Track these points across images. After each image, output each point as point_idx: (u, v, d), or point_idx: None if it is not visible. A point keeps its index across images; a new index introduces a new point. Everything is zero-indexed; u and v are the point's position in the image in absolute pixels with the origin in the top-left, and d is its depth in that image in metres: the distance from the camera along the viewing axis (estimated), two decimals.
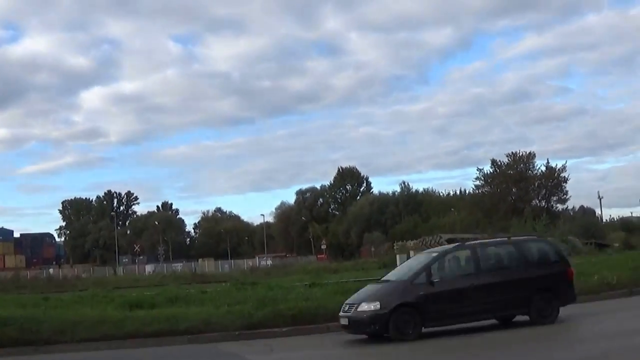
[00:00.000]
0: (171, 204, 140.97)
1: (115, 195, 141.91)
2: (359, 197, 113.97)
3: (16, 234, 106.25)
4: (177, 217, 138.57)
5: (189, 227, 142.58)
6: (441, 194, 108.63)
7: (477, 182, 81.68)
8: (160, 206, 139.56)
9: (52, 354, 14.22)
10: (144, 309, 17.26)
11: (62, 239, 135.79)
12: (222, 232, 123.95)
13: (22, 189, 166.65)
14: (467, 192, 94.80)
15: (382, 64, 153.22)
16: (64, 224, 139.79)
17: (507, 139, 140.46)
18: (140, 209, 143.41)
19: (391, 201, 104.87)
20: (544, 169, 79.33)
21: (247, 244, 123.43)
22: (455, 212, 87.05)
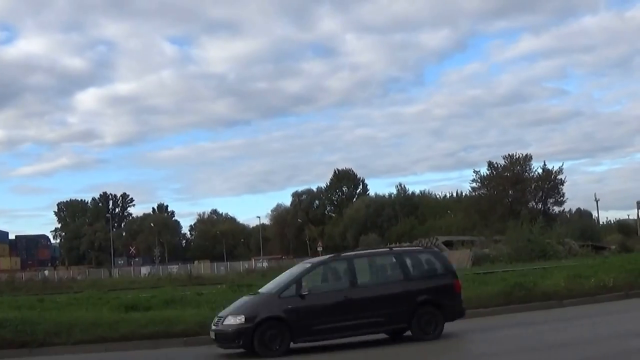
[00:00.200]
0: (167, 206, 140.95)
1: (110, 197, 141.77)
2: (355, 199, 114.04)
3: (11, 236, 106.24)
4: (173, 219, 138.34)
5: (185, 229, 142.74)
6: (438, 196, 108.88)
7: (474, 184, 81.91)
8: (155, 208, 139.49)
9: (47, 355, 14.17)
10: (140, 311, 17.23)
11: (58, 240, 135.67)
12: (218, 234, 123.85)
13: (17, 191, 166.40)
14: (463, 194, 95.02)
15: (378, 66, 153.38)
16: (59, 225, 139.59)
17: (504, 141, 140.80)
18: (135, 210, 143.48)
19: (387, 203, 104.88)
20: (540, 171, 79.60)
21: (243, 246, 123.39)
22: (451, 215, 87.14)
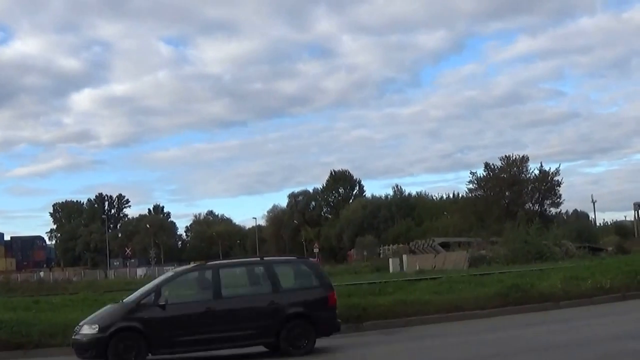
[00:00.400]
0: (162, 207, 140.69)
1: (106, 198, 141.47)
2: (351, 201, 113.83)
3: (6, 237, 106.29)
4: (169, 220, 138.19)
5: (181, 230, 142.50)
6: (434, 198, 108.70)
7: (470, 186, 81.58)
8: (151, 209, 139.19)
9: (43, 357, 14.09)
10: None
11: (53, 242, 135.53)
12: (214, 236, 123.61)
13: (12, 192, 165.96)
14: (460, 195, 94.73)
15: (375, 67, 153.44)
16: (54, 226, 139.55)
17: (501, 142, 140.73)
18: (131, 212, 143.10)
19: (384, 205, 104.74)
20: (537, 172, 79.34)
21: (239, 247, 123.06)
22: (448, 216, 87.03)
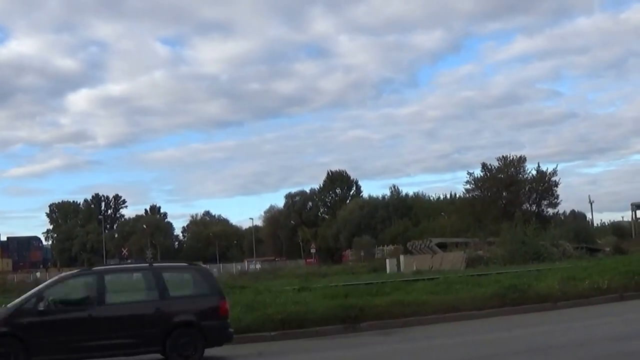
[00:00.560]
0: (159, 208, 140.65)
1: (102, 198, 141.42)
2: (348, 201, 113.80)
3: (3, 237, 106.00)
4: (165, 220, 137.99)
5: (178, 231, 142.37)
6: (431, 198, 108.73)
7: (468, 186, 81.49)
8: (148, 209, 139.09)
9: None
10: None
11: (49, 242, 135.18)
12: (211, 236, 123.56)
13: (8, 192, 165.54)
14: (457, 196, 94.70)
15: (372, 67, 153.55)
16: (51, 227, 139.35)
17: (498, 142, 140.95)
18: (128, 212, 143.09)
19: (381, 205, 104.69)
20: (534, 172, 79.29)
21: (235, 247, 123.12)
22: (445, 216, 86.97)
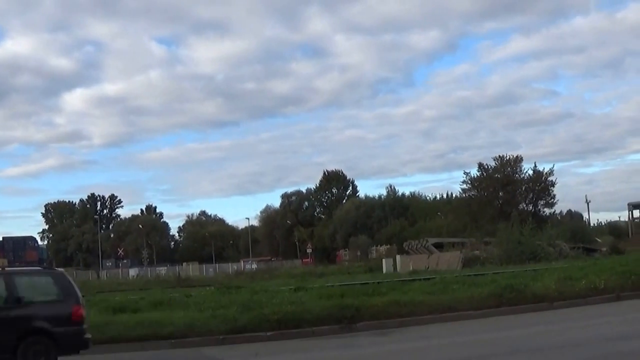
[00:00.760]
0: (155, 207, 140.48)
1: (98, 198, 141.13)
2: (344, 201, 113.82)
3: None
4: (161, 220, 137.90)
5: (173, 231, 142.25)
6: (428, 198, 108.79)
7: (464, 186, 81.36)
8: (144, 209, 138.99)
9: None
10: (128, 313, 17.03)
11: (45, 242, 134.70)
12: (207, 236, 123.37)
13: (4, 192, 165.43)
14: (453, 195, 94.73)
15: (368, 67, 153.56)
16: (46, 227, 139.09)
17: (494, 142, 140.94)
18: (123, 212, 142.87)
19: (377, 205, 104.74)
20: (531, 172, 79.18)
21: (231, 247, 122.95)
22: (441, 216, 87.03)
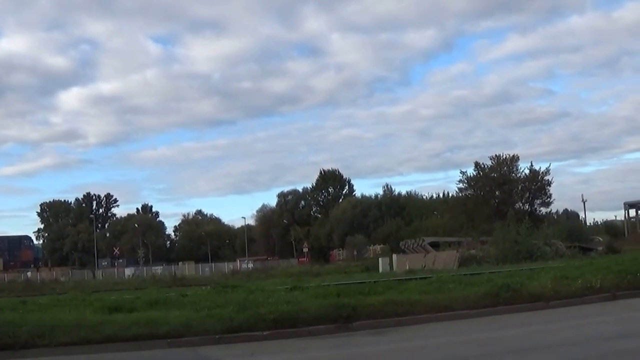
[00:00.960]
0: (151, 207, 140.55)
1: (94, 197, 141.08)
2: (341, 200, 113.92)
3: None
4: (157, 219, 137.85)
5: (169, 230, 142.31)
6: (424, 197, 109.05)
7: (460, 185, 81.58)
8: (140, 209, 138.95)
9: (30, 358, 13.86)
10: (123, 312, 16.96)
11: (41, 241, 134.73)
12: (203, 235, 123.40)
13: None
14: (450, 195, 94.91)
15: (364, 66, 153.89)
16: (42, 226, 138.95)
17: (490, 141, 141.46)
18: (119, 211, 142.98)
19: (374, 204, 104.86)
20: (527, 171, 79.40)
21: (228, 247, 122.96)
22: (438, 215, 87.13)
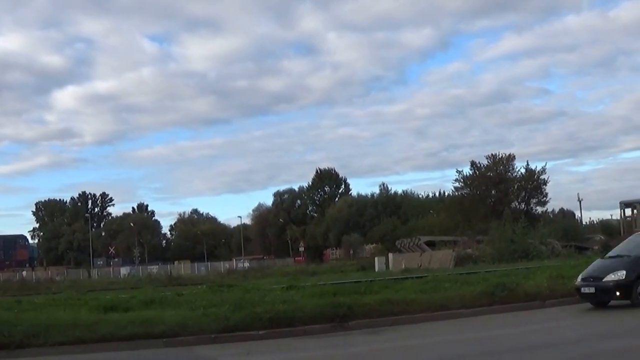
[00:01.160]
0: (147, 206, 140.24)
1: (89, 196, 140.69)
2: (337, 199, 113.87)
3: None
4: (153, 218, 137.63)
5: (165, 229, 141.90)
6: (420, 196, 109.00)
7: (457, 184, 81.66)
8: (135, 207, 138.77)
9: (25, 357, 13.82)
10: (119, 311, 16.93)
11: (36, 240, 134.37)
12: (199, 234, 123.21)
13: None
14: (446, 194, 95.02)
15: (360, 65, 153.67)
16: (37, 225, 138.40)
17: (487, 140, 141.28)
18: (115, 210, 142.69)
19: (370, 203, 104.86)
20: (523, 171, 79.50)
21: (223, 246, 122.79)
22: (434, 215, 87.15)
